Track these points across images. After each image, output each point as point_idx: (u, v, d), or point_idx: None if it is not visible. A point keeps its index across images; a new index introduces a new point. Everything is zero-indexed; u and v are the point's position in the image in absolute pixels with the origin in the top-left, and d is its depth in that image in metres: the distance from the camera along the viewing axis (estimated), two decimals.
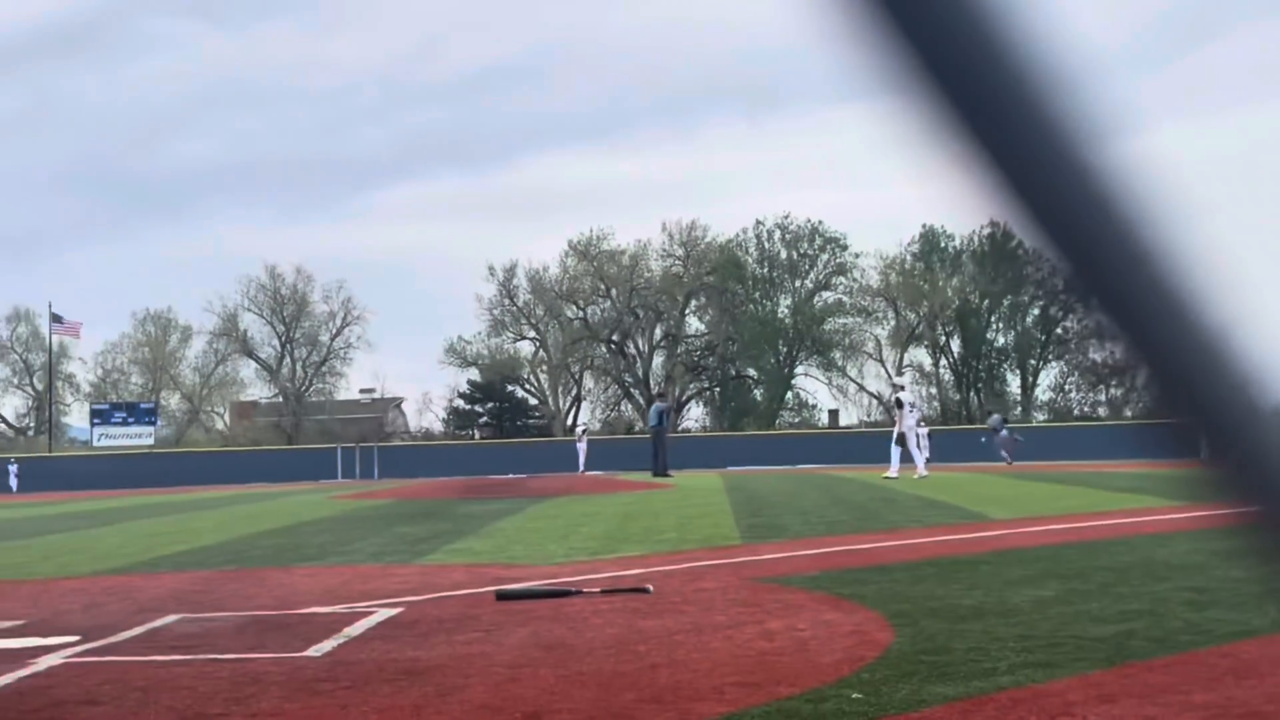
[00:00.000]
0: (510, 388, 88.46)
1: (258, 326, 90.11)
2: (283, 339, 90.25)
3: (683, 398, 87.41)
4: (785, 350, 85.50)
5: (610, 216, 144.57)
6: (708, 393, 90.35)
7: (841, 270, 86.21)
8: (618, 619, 7.90)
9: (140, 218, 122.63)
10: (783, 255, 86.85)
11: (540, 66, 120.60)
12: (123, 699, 5.94)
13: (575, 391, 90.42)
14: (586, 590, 9.24)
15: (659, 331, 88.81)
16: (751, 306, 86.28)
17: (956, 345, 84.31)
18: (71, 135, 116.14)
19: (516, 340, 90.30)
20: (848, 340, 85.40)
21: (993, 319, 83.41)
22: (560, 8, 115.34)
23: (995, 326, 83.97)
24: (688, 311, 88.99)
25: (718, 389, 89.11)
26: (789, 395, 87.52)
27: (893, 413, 32.13)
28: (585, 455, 54.27)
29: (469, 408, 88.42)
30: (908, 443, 30.65)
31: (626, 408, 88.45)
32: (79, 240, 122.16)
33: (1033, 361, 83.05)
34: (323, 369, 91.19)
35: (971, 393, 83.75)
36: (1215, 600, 7.71)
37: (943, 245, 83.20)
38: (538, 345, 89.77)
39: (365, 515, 21.64)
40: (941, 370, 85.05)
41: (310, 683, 6.15)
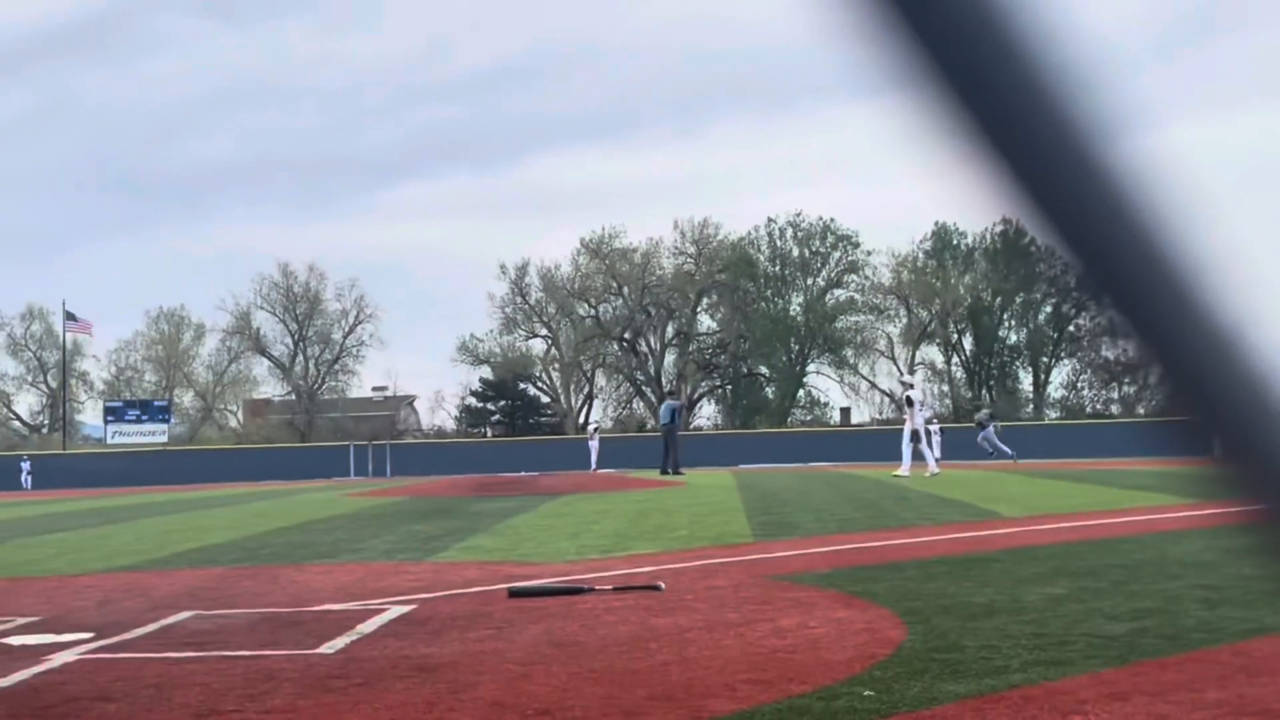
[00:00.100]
0: (522, 386, 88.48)
1: (270, 324, 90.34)
2: (295, 337, 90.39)
3: (694, 395, 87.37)
4: (797, 348, 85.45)
5: (622, 214, 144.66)
6: (719, 390, 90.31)
7: (853, 268, 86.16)
8: (630, 616, 7.90)
9: (153, 215, 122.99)
10: (794, 253, 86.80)
11: (551, 64, 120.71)
12: (136, 696, 5.95)
13: (587, 389, 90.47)
14: (598, 588, 9.24)
15: (671, 329, 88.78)
16: (763, 304, 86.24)
17: (969, 343, 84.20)
18: (84, 133, 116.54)
19: (528, 338, 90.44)
20: (860, 338, 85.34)
21: (1005, 316, 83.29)
22: (570, 5, 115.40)
23: (1007, 324, 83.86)
24: (699, 309, 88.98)
25: (729, 387, 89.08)
26: (801, 393, 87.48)
27: (904, 410, 32.08)
28: (597, 453, 54.27)
29: (481, 406, 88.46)
30: (919, 440, 30.60)
31: (638, 405, 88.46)
32: (92, 238, 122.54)
33: (1045, 359, 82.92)
34: (335, 367, 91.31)
35: (984, 390, 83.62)
36: (1228, 598, 7.70)
37: (955, 243, 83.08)
38: (550, 343, 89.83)
39: (378, 513, 21.67)
40: (953, 368, 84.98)
41: (323, 680, 6.17)
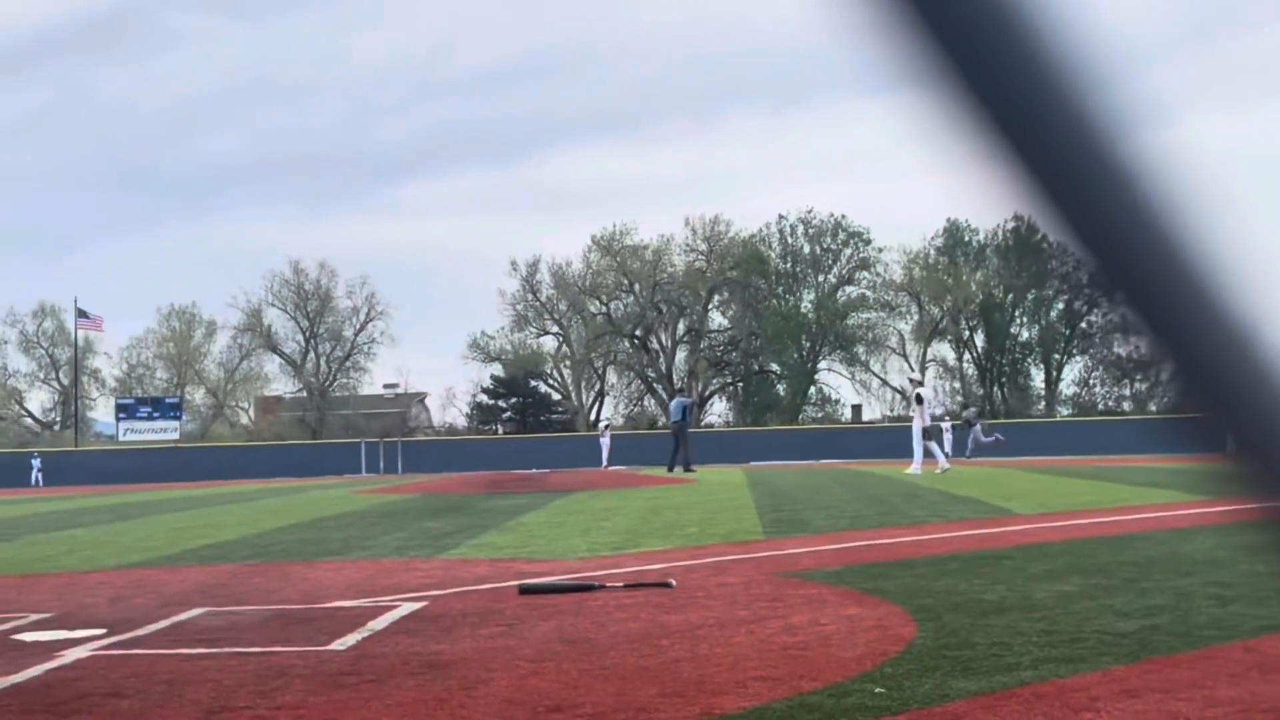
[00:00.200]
0: (533, 383, 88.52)
1: (282, 321, 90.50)
2: (307, 334, 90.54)
3: (705, 392, 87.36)
4: (808, 345, 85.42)
5: (633, 211, 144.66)
6: (730, 388, 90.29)
7: (865, 265, 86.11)
8: (640, 613, 7.90)
9: (164, 212, 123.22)
10: (806, 250, 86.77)
11: (562, 61, 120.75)
12: (148, 692, 5.97)
13: (598, 387, 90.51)
14: (609, 585, 9.25)
15: (682, 326, 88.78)
16: (774, 301, 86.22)
17: (980, 340, 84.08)
18: (96, 130, 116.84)
19: (540, 335, 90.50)
20: (871, 335, 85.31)
21: (1017, 313, 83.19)
22: (581, 1, 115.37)
23: (1019, 321, 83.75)
24: (711, 306, 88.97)
25: (740, 384, 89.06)
26: (812, 390, 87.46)
27: (912, 408, 32.08)
28: (608, 450, 54.27)
29: (492, 403, 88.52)
30: (929, 437, 30.63)
31: (649, 403, 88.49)
32: (104, 235, 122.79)
33: (1057, 356, 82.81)
34: (346, 364, 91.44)
35: (995, 387, 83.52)
36: (1240, 595, 7.68)
37: (966, 239, 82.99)
38: (561, 340, 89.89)
39: (389, 510, 21.69)
40: (965, 365, 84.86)
41: (334, 676, 6.17)
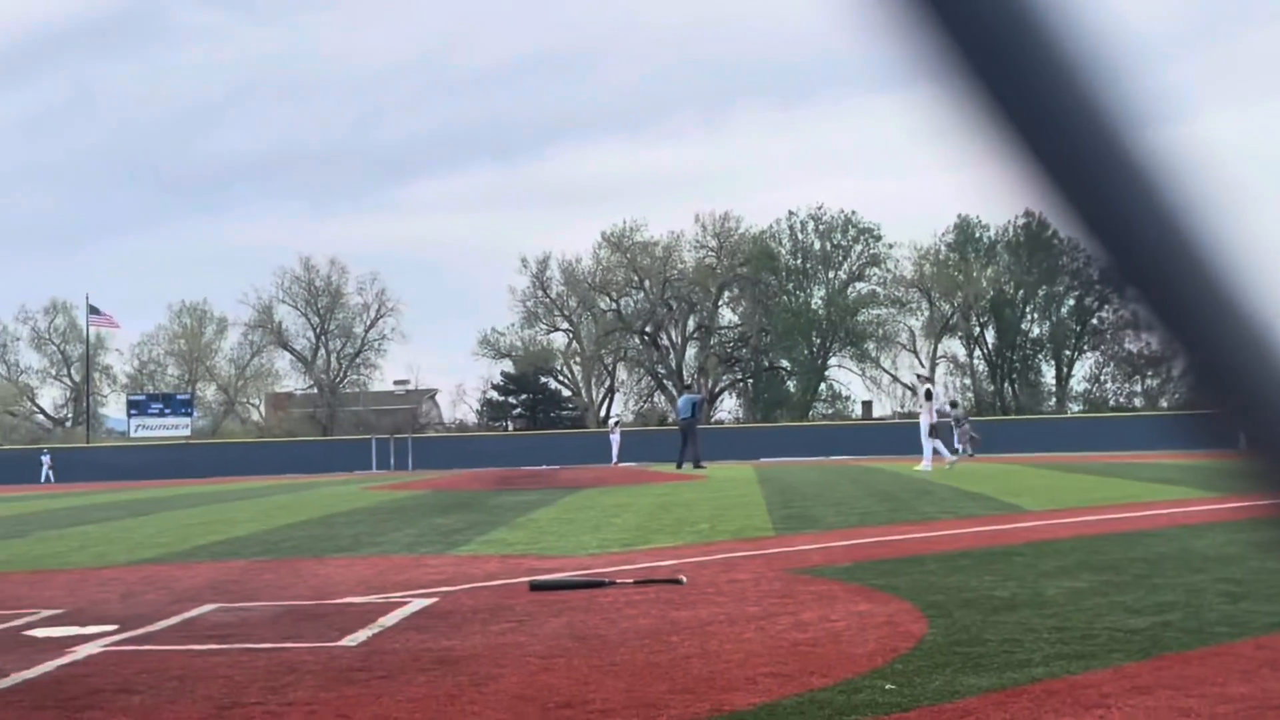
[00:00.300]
0: (543, 379, 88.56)
1: (292, 318, 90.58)
2: (317, 331, 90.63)
3: (715, 389, 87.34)
4: (818, 341, 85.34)
5: (643, 208, 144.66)
6: (741, 384, 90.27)
7: (875, 261, 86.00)
8: (651, 610, 7.91)
9: (176, 209, 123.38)
10: (816, 246, 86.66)
11: (572, 57, 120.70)
12: (159, 688, 5.98)
13: (608, 383, 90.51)
14: (619, 581, 9.25)
15: (692, 323, 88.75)
16: (785, 298, 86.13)
17: (991, 336, 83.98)
18: (107, 127, 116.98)
19: (550, 332, 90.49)
20: (881, 331, 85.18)
21: (1027, 309, 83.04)
22: None
23: (1030, 317, 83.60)
24: (721, 303, 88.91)
25: (751, 380, 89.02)
26: (822, 386, 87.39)
27: (920, 404, 32.09)
28: (618, 447, 54.27)
29: (502, 399, 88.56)
30: (936, 434, 30.66)
31: (660, 399, 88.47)
32: (116, 232, 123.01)
33: (1068, 352, 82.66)
34: (357, 361, 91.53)
35: (1006, 383, 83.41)
36: (1251, 592, 7.67)
37: (977, 235, 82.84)
38: (571, 337, 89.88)
39: (399, 506, 21.72)
40: (976, 361, 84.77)
41: (345, 672, 6.18)
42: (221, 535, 16.05)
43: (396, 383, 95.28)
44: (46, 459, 62.46)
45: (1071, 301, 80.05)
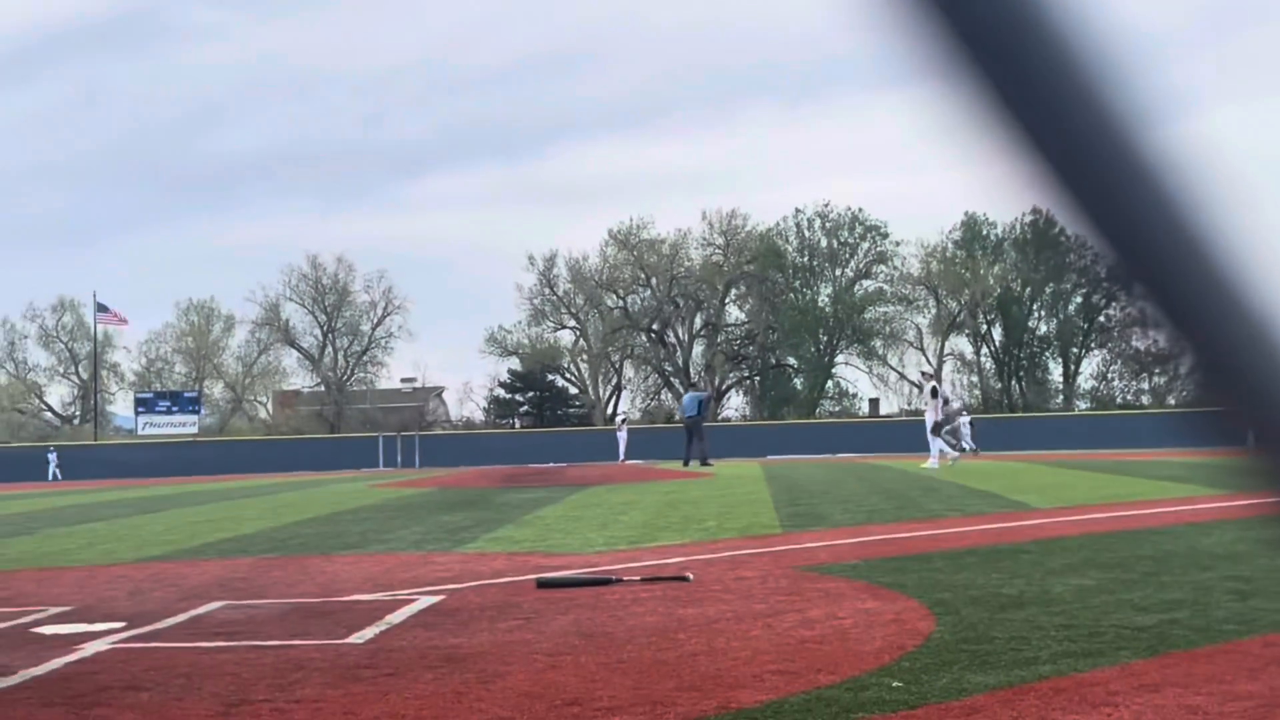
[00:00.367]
0: (550, 377, 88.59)
1: (299, 316, 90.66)
2: (324, 328, 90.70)
3: (723, 386, 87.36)
4: (825, 339, 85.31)
5: (650, 205, 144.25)
6: (747, 382, 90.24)
7: (882, 258, 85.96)
8: (658, 607, 7.91)
9: (183, 207, 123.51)
10: (823, 243, 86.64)
11: (579, 54, 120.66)
12: (167, 685, 5.99)
13: (615, 380, 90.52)
14: (627, 578, 9.26)
15: (699, 320, 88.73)
16: (792, 295, 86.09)
17: (998, 333, 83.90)
18: (115, 125, 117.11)
19: (557, 329, 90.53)
20: (888, 329, 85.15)
21: (1035, 307, 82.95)
22: None
23: (1037, 314, 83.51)
24: (728, 300, 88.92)
25: (757, 378, 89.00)
26: (829, 384, 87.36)
27: (926, 401, 32.09)
28: (625, 444, 54.28)
29: (509, 397, 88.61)
30: (942, 430, 30.66)
31: (666, 397, 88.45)
32: (123, 230, 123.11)
33: (1075, 350, 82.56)
34: (364, 358, 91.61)
35: (1013, 381, 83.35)
36: (1259, 589, 7.66)
37: (984, 233, 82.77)
38: (578, 334, 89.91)
39: (406, 504, 21.73)
40: (983, 358, 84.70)
41: (352, 669, 6.19)
42: (229, 533, 16.07)
43: (404, 380, 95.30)
44: (53, 457, 62.56)
45: (1079, 299, 79.94)
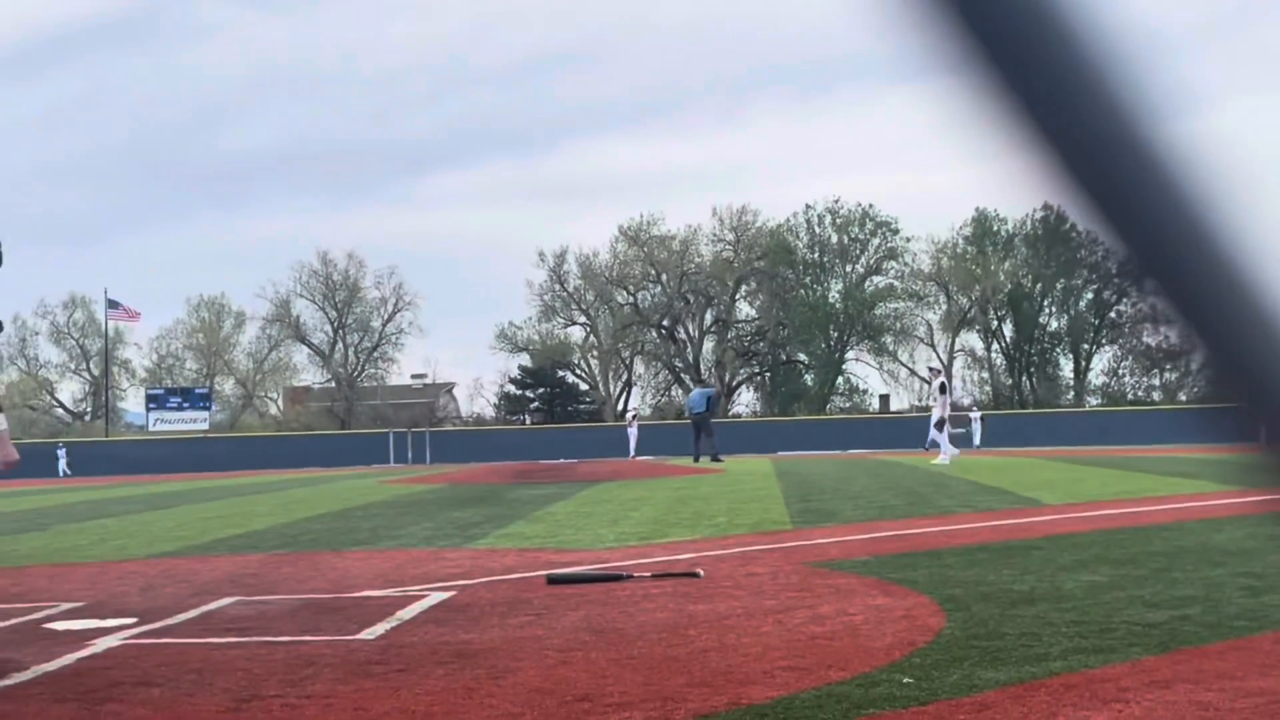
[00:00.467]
0: (561, 373, 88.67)
1: (310, 312, 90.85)
2: (335, 325, 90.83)
3: (733, 383, 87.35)
4: (836, 335, 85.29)
5: (660, 201, 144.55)
6: (758, 378, 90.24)
7: (892, 254, 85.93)
8: (668, 603, 7.91)
9: (194, 204, 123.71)
10: (833, 240, 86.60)
11: (590, 51, 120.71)
12: (178, 680, 6.00)
13: (626, 377, 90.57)
14: (637, 574, 9.25)
15: (709, 317, 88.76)
16: (802, 291, 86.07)
17: (1009, 329, 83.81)
18: (126, 122, 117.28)
19: (567, 325, 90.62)
20: (899, 325, 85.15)
21: (1046, 303, 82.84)
22: None
23: (1048, 310, 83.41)
24: (738, 296, 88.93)
25: (768, 374, 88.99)
26: (840, 380, 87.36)
27: (933, 397, 32.07)
28: (636, 440, 54.30)
29: (520, 393, 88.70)
30: (942, 428, 30.69)
31: (677, 393, 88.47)
32: (134, 227, 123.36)
33: (1086, 346, 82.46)
34: (375, 354, 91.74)
35: (1024, 377, 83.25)
36: (1271, 585, 7.64)
37: (995, 229, 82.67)
38: (588, 330, 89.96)
39: (417, 500, 21.75)
40: (994, 354, 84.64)
41: (363, 665, 6.20)
42: (240, 529, 16.09)
43: (414, 376, 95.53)
44: (62, 453, 62.70)
45: (1090, 295, 79.87)
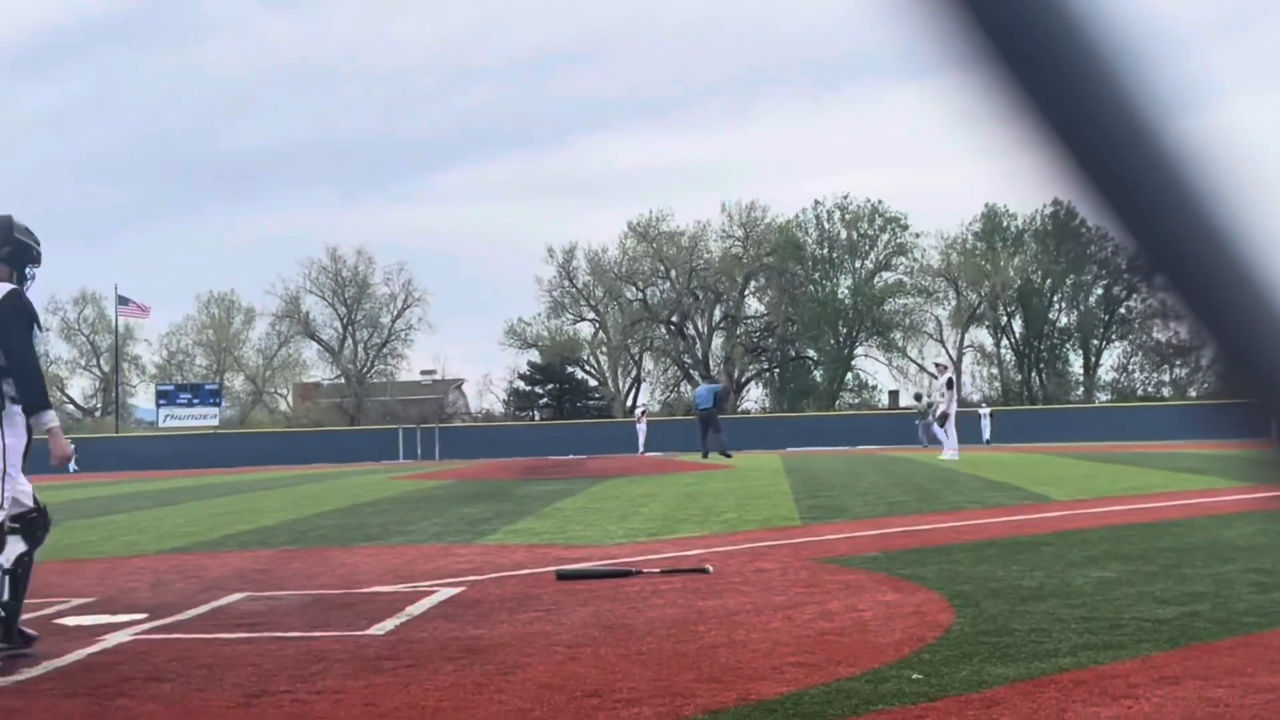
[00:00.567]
0: (570, 369, 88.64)
1: (319, 308, 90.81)
2: (344, 321, 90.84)
3: (742, 379, 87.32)
4: (845, 331, 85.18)
5: (669, 197, 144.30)
6: (767, 374, 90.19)
7: (902, 250, 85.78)
8: (677, 599, 7.92)
9: (203, 200, 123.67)
10: (842, 235, 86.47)
11: (598, 46, 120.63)
12: (188, 676, 6.01)
13: (635, 373, 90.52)
14: (646, 570, 9.26)
15: (718, 312, 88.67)
16: (811, 287, 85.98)
17: (1018, 325, 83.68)
18: (135, 118, 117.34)
19: (576, 322, 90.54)
20: (908, 321, 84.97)
21: (1055, 298, 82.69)
22: None
23: (1058, 306, 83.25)
24: (747, 292, 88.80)
25: (777, 370, 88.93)
26: (849, 376, 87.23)
27: (941, 393, 32.06)
28: (645, 436, 54.29)
29: (529, 389, 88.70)
30: (948, 423, 30.69)
31: (686, 389, 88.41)
32: (144, 223, 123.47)
33: (1096, 341, 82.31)
34: (384, 350, 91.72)
35: (1033, 373, 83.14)
36: None
37: (1005, 224, 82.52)
38: (597, 326, 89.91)
39: (427, 496, 21.78)
40: (1003, 350, 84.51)
41: (373, 661, 6.21)
42: (250, 525, 16.12)
43: (423, 373, 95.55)
44: (71, 449, 62.72)
45: (1100, 290, 79.72)
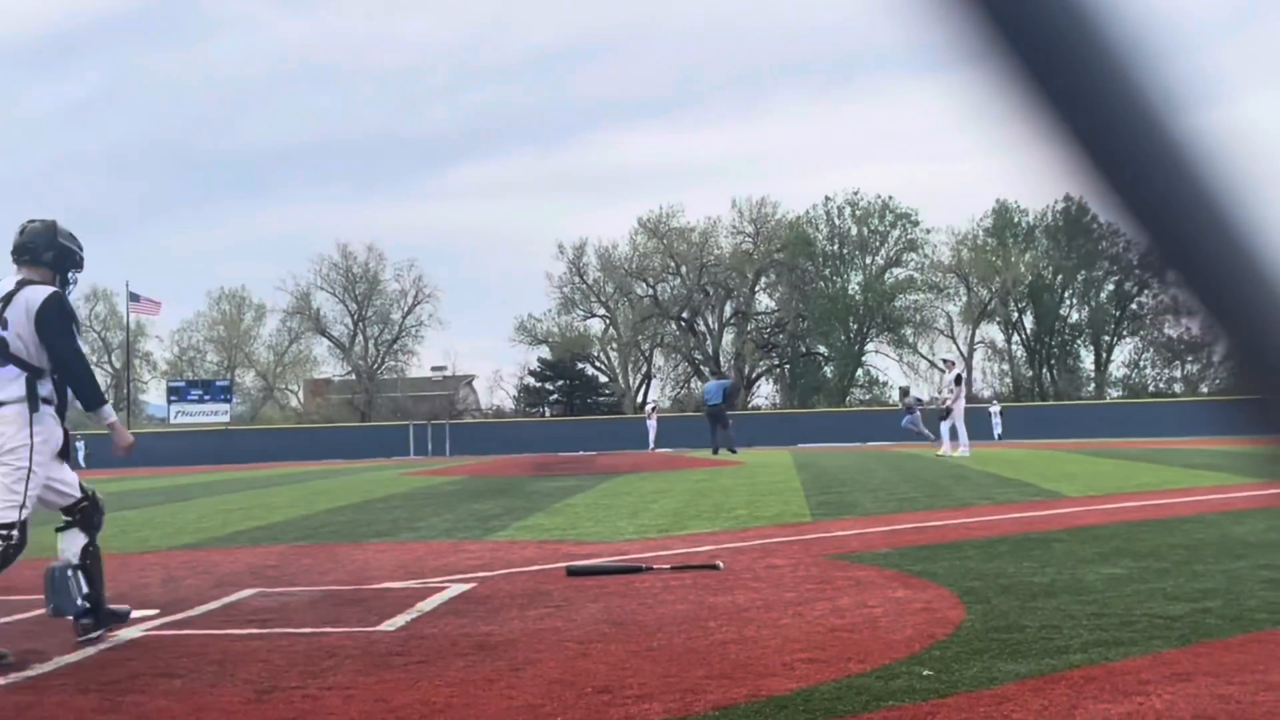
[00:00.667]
0: (580, 365, 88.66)
1: (330, 305, 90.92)
2: (355, 317, 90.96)
3: (752, 375, 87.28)
4: (856, 327, 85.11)
5: (679, 193, 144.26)
6: (777, 370, 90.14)
7: (912, 246, 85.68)
8: (688, 595, 7.92)
9: (214, 197, 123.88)
10: (853, 231, 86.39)
11: (609, 43, 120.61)
12: (200, 672, 6.03)
13: (645, 369, 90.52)
14: (657, 566, 9.26)
15: (729, 309, 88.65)
16: (822, 283, 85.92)
17: (1029, 321, 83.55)
18: (147, 115, 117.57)
19: (586, 318, 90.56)
20: (919, 317, 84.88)
21: (1066, 294, 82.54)
22: None
23: (1069, 302, 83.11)
24: (758, 288, 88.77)
25: (787, 366, 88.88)
26: (859, 372, 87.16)
27: (950, 388, 32.04)
28: (655, 433, 54.29)
29: (539, 385, 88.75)
30: (953, 418, 30.68)
31: (696, 385, 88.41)
32: (155, 220, 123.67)
33: (1107, 337, 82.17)
34: (395, 347, 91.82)
35: (1044, 369, 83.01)
36: None
37: (1016, 220, 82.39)
38: (608, 323, 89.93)
39: (437, 492, 21.79)
40: (1014, 346, 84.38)
41: (384, 657, 6.22)
42: (261, 520, 16.15)
43: (434, 369, 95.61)
44: (81, 444, 62.95)
45: (1111, 286, 79.56)
